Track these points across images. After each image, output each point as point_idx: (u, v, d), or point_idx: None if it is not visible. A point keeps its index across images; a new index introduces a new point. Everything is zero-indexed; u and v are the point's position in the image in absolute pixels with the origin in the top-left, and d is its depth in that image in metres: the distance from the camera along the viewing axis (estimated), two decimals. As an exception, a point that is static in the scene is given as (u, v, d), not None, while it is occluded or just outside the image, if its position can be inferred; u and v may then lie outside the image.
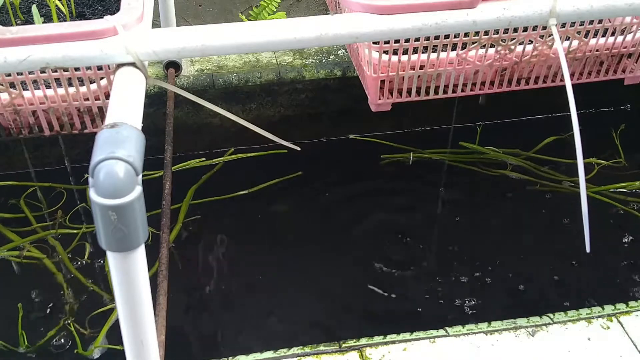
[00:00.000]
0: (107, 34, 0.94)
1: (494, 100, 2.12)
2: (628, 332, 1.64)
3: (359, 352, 1.59)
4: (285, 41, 0.98)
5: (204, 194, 2.29)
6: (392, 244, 2.16)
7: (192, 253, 2.13)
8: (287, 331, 1.91)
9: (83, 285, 2.00)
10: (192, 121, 2.38)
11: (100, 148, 0.77)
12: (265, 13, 2.50)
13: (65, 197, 2.24)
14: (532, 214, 2.28)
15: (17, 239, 2.10)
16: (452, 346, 1.61)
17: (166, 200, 1.45)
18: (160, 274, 1.26)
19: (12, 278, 2.03)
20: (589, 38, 1.54)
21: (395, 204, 2.32)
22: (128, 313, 0.86)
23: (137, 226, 0.77)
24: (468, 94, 1.59)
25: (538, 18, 1.06)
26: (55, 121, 1.41)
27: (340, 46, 2.42)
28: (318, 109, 2.45)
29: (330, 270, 2.08)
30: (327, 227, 2.23)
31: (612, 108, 2.73)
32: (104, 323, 1.88)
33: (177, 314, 1.91)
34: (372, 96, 1.55)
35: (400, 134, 2.56)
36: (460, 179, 2.41)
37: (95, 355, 1.83)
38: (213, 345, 1.88)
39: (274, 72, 2.32)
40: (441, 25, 1.02)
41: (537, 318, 1.68)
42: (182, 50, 0.96)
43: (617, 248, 2.16)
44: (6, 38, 0.92)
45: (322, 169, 2.43)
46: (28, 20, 1.63)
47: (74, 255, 2.09)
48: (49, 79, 1.32)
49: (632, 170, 2.43)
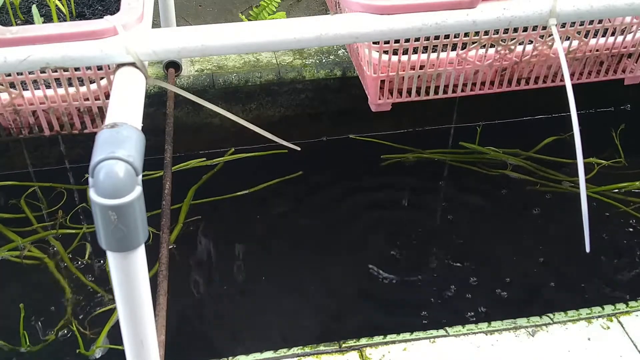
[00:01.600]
0: (107, 34, 0.95)
1: (494, 100, 2.12)
2: (628, 332, 1.64)
3: (359, 352, 1.59)
4: (285, 41, 0.98)
5: (204, 194, 2.29)
6: (392, 244, 2.16)
7: (192, 253, 2.13)
8: (287, 331, 1.91)
9: (84, 285, 2.00)
10: (192, 121, 2.38)
11: (100, 148, 0.77)
12: (265, 13, 2.50)
13: (65, 197, 2.24)
14: (532, 214, 2.27)
15: (17, 239, 2.11)
16: (452, 346, 1.61)
17: (166, 200, 1.45)
18: (160, 274, 1.26)
19: (13, 278, 2.03)
20: (589, 38, 1.54)
21: (395, 204, 2.32)
22: (128, 313, 0.86)
23: (137, 226, 0.77)
24: (468, 94, 1.59)
25: (538, 18, 1.06)
26: (55, 121, 1.41)
27: (340, 46, 2.42)
28: (318, 109, 2.45)
29: (330, 270, 2.08)
30: (327, 227, 2.23)
31: (612, 108, 2.73)
32: (106, 323, 1.88)
33: (177, 313, 1.91)
34: (372, 96, 1.55)
35: (400, 134, 2.56)
36: (460, 179, 2.41)
37: (96, 355, 1.83)
38: (213, 345, 1.88)
39: (274, 72, 2.32)
40: (441, 25, 1.02)
41: (537, 318, 1.68)
42: (182, 50, 0.96)
43: (617, 248, 2.16)
44: (6, 38, 0.92)
45: (322, 169, 2.43)
46: (28, 20, 1.63)
47: (75, 255, 2.09)
48: (49, 79, 1.32)
49: (632, 170, 2.42)
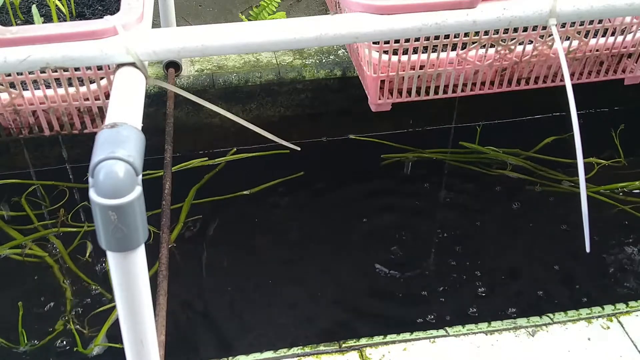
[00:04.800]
0: (107, 34, 0.95)
1: (494, 100, 2.12)
2: (628, 332, 1.64)
3: (359, 352, 1.59)
4: (285, 41, 0.98)
5: (204, 194, 2.29)
6: (392, 244, 2.16)
7: (193, 252, 2.13)
8: (288, 331, 1.91)
9: (84, 284, 2.00)
10: (192, 121, 2.38)
11: (100, 148, 0.77)
12: (265, 13, 2.50)
13: (67, 195, 2.24)
14: (532, 214, 2.27)
15: (19, 237, 2.11)
16: (452, 346, 1.61)
17: (166, 200, 1.45)
18: (160, 274, 1.26)
19: (13, 276, 2.03)
20: (589, 38, 1.54)
21: (395, 204, 2.32)
22: (128, 313, 0.86)
23: (137, 226, 0.77)
24: (468, 94, 1.59)
25: (538, 18, 1.06)
26: (55, 121, 1.41)
27: (340, 46, 2.42)
28: (318, 109, 2.45)
29: (331, 270, 2.08)
30: (327, 227, 2.23)
31: (612, 108, 2.73)
32: (105, 321, 1.88)
33: (178, 312, 1.91)
34: (372, 96, 1.55)
35: (400, 134, 2.56)
36: (460, 178, 2.41)
37: (95, 354, 1.83)
38: (214, 345, 1.88)
39: (274, 72, 2.32)
40: (441, 25, 1.02)
41: (537, 318, 1.68)
42: (182, 50, 0.96)
43: (617, 248, 2.16)
44: (6, 38, 0.92)
45: (322, 169, 2.43)
46: (28, 20, 1.63)
47: (76, 253, 2.09)
48: (49, 79, 1.32)
49: (632, 170, 2.42)
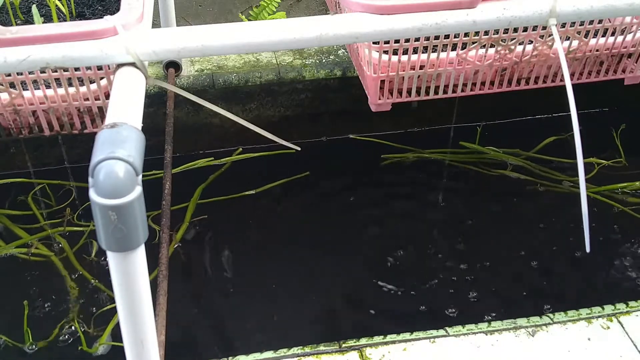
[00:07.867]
0: (107, 34, 0.95)
1: (494, 100, 2.12)
2: (628, 332, 1.64)
3: (359, 352, 1.59)
4: (285, 41, 0.98)
5: (205, 194, 2.29)
6: (392, 244, 2.16)
7: (199, 252, 2.13)
8: (288, 331, 1.91)
9: (89, 283, 2.00)
10: (192, 121, 2.38)
11: (100, 148, 0.77)
12: (265, 13, 2.50)
13: (73, 194, 2.24)
14: (532, 214, 2.27)
15: (25, 236, 2.11)
16: (452, 346, 1.61)
17: (166, 200, 1.45)
18: (160, 274, 1.26)
19: (19, 275, 2.03)
20: (589, 38, 1.54)
21: (395, 204, 2.32)
22: (128, 313, 0.86)
23: (137, 226, 0.77)
24: (468, 94, 1.59)
25: (538, 18, 1.06)
26: (55, 121, 1.41)
27: (340, 46, 2.42)
28: (318, 109, 2.45)
29: (331, 270, 2.08)
30: (327, 227, 2.23)
31: (612, 108, 2.73)
32: (110, 321, 1.88)
33: (181, 311, 1.91)
34: (372, 96, 1.55)
35: (400, 134, 2.56)
36: (461, 178, 2.41)
37: (99, 353, 1.83)
38: (214, 344, 1.88)
39: (274, 72, 2.32)
40: (441, 25, 1.02)
41: (537, 318, 1.68)
42: (182, 50, 0.96)
43: (617, 248, 2.16)
44: (6, 38, 0.92)
45: (322, 169, 2.43)
46: (28, 20, 1.63)
47: (81, 253, 2.09)
48: (49, 79, 1.32)
49: (632, 170, 2.42)
